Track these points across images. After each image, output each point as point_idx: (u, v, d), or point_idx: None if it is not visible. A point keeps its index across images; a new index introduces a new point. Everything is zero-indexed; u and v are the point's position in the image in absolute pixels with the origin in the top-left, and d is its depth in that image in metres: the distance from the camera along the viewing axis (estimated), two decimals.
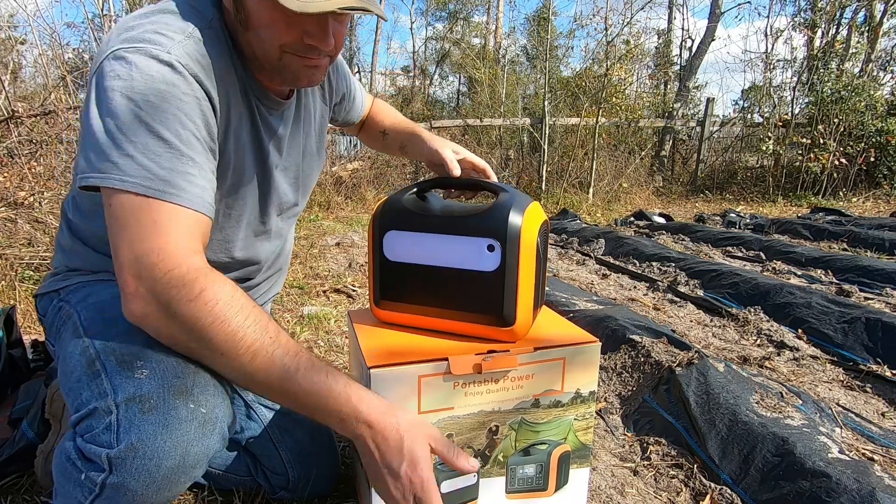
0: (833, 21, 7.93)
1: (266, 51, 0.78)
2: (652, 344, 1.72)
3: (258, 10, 0.74)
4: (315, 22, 0.75)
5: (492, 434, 0.90)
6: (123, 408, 0.65)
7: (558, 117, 7.66)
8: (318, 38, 0.76)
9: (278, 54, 0.77)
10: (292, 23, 0.74)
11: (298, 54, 0.78)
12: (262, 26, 0.75)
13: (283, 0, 0.68)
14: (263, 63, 0.80)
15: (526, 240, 0.86)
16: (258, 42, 0.77)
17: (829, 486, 1.03)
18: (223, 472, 1.08)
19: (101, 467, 0.64)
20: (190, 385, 0.67)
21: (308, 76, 0.81)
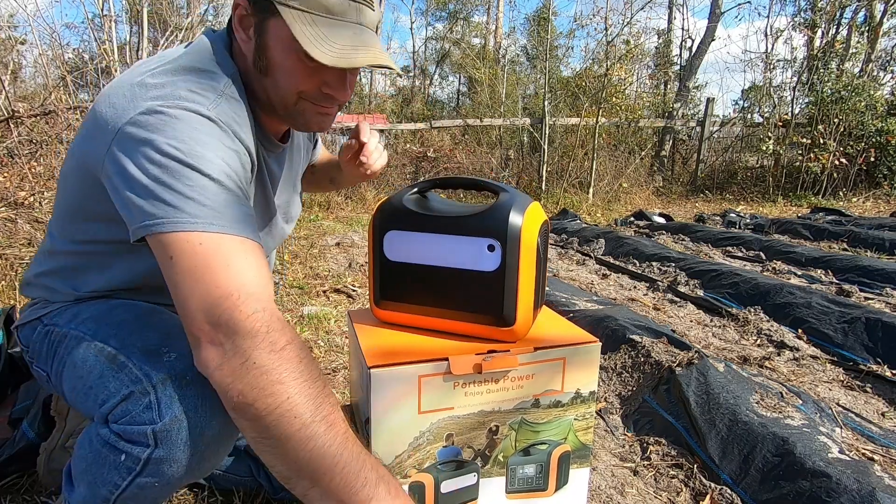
0: (833, 21, 7.93)
1: (283, 97, 0.80)
2: (652, 344, 1.72)
3: (282, 58, 0.76)
4: (336, 73, 0.78)
5: (492, 434, 0.90)
6: (161, 387, 0.67)
7: (558, 117, 7.66)
8: (336, 88, 0.80)
9: (295, 100, 0.80)
10: (314, 73, 0.77)
11: (314, 102, 0.81)
12: (283, 74, 0.77)
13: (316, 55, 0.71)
14: (277, 108, 0.82)
15: (526, 240, 0.86)
16: (275, 88, 0.79)
17: (829, 486, 1.03)
18: (224, 473, 1.08)
19: (146, 443, 0.66)
20: None
21: (319, 122, 0.84)
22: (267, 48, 0.77)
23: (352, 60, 0.73)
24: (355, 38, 0.75)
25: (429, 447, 0.87)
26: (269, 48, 0.77)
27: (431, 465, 0.87)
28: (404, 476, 0.87)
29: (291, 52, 0.75)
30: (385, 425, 0.84)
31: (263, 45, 0.77)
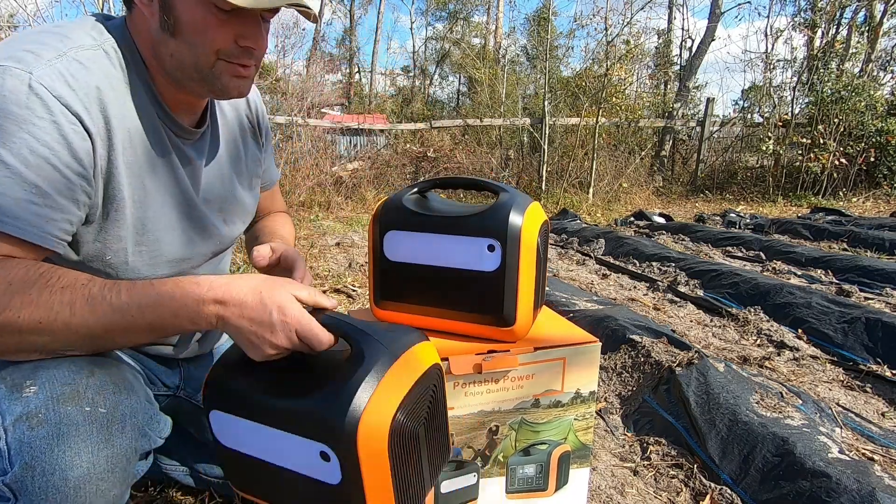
0: (833, 21, 7.93)
1: (198, 57, 0.74)
2: (652, 344, 1.72)
3: (191, 13, 0.70)
4: (251, 22, 0.74)
5: (492, 434, 0.90)
6: (11, 429, 0.59)
7: (558, 117, 7.66)
8: (253, 38, 0.75)
9: (213, 61, 0.74)
10: (227, 24, 0.72)
11: (232, 60, 0.75)
12: (194, 30, 0.71)
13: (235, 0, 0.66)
14: (192, 73, 0.75)
15: (526, 240, 0.86)
16: (188, 50, 0.73)
17: (829, 486, 1.03)
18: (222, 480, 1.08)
19: (6, 497, 0.59)
20: (82, 389, 0.62)
21: (238, 87, 0.78)
22: (173, 5, 0.70)
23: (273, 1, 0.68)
24: None
25: None
26: (175, 4, 0.70)
27: None
28: None
29: (203, 4, 0.69)
30: None
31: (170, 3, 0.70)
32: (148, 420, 0.69)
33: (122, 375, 0.68)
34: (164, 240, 0.82)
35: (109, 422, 0.62)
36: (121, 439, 0.63)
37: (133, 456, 0.65)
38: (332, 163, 6.77)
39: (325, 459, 0.63)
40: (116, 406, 0.64)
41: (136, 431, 0.66)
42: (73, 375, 0.63)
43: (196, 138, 0.86)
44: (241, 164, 0.96)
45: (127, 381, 0.68)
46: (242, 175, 0.97)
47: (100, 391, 0.63)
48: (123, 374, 0.68)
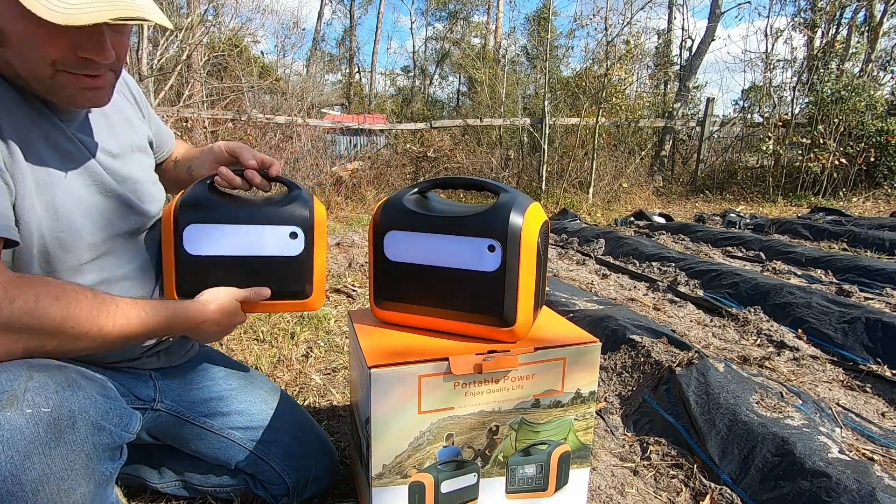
0: (833, 21, 7.93)
1: (34, 70, 0.67)
2: (652, 344, 1.72)
3: (14, 24, 0.63)
4: (87, 32, 0.65)
5: (492, 434, 0.90)
6: None
7: (558, 117, 7.66)
8: (93, 49, 0.67)
9: (50, 73, 0.67)
10: (59, 35, 0.64)
11: (73, 71, 0.68)
12: (22, 42, 0.64)
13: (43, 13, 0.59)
14: (33, 84, 0.69)
15: (526, 240, 0.86)
16: (22, 62, 0.66)
17: (829, 486, 1.03)
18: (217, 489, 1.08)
19: None
20: (21, 391, 0.60)
21: (90, 98, 0.72)
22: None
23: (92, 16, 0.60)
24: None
25: (429, 447, 0.87)
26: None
27: (431, 465, 0.87)
28: (404, 476, 0.87)
29: (22, 14, 0.61)
30: (385, 425, 0.84)
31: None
32: (103, 414, 0.66)
33: (66, 375, 0.66)
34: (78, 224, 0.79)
35: (56, 420, 0.60)
36: (72, 436, 0.61)
37: (93, 452, 0.63)
38: (332, 163, 6.77)
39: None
40: (61, 404, 0.61)
41: (90, 426, 0.63)
42: (10, 383, 0.61)
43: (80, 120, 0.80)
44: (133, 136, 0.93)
45: (71, 379, 0.65)
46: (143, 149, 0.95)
47: (39, 392, 0.61)
48: (67, 374, 0.66)
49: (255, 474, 1.04)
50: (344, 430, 1.38)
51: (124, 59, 0.74)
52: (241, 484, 1.07)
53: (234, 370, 1.10)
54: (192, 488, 1.09)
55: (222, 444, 1.02)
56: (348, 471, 1.17)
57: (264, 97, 6.93)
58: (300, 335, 2.03)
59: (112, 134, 0.87)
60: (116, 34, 0.70)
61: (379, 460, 0.85)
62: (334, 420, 1.45)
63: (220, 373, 1.07)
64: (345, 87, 16.10)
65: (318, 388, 1.64)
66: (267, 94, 6.85)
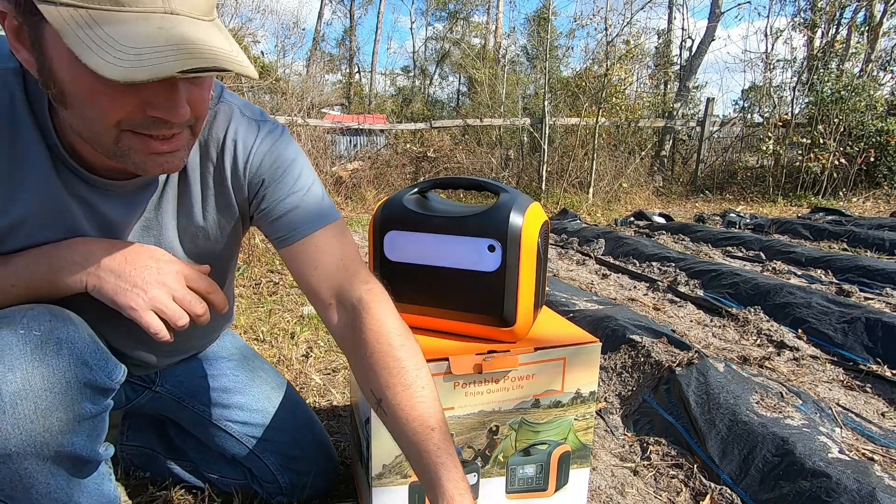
0: (833, 21, 7.93)
1: (97, 132, 0.58)
2: (652, 344, 1.72)
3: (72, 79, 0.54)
4: (157, 87, 0.56)
5: (492, 434, 0.90)
6: None
7: (558, 117, 7.67)
8: (164, 108, 0.57)
9: (115, 135, 0.58)
10: (124, 92, 0.55)
11: (142, 132, 0.58)
12: (83, 102, 0.56)
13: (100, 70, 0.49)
14: (96, 147, 0.61)
15: (526, 240, 0.86)
16: (84, 122, 0.58)
17: (829, 486, 1.03)
18: (221, 478, 1.08)
19: None
20: (18, 316, 0.63)
21: (159, 164, 0.62)
22: (52, 69, 0.55)
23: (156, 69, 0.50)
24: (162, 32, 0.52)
25: None
26: (54, 69, 0.55)
27: None
28: (404, 476, 0.87)
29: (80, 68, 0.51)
30: None
31: (47, 65, 0.55)
32: (90, 352, 0.67)
33: (63, 312, 0.67)
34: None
35: (44, 343, 0.62)
36: (56, 360, 0.63)
37: (74, 381, 0.64)
38: (332, 163, 6.78)
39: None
40: (51, 331, 0.64)
41: (75, 358, 0.64)
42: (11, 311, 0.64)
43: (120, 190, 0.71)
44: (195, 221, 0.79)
45: (66, 315, 0.67)
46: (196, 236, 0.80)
47: (35, 318, 0.64)
48: (65, 312, 0.67)
49: (251, 469, 1.05)
50: (344, 430, 1.38)
51: (204, 114, 0.64)
52: (241, 477, 1.07)
53: (243, 362, 1.08)
54: (197, 472, 1.09)
55: (219, 434, 1.03)
56: (348, 471, 1.17)
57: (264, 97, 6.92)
58: (300, 335, 2.03)
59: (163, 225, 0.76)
60: (194, 87, 0.59)
61: (379, 460, 0.85)
62: (334, 420, 1.45)
63: (228, 364, 1.06)
64: (345, 87, 16.11)
65: (318, 388, 1.64)
66: (267, 93, 6.85)
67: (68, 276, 0.67)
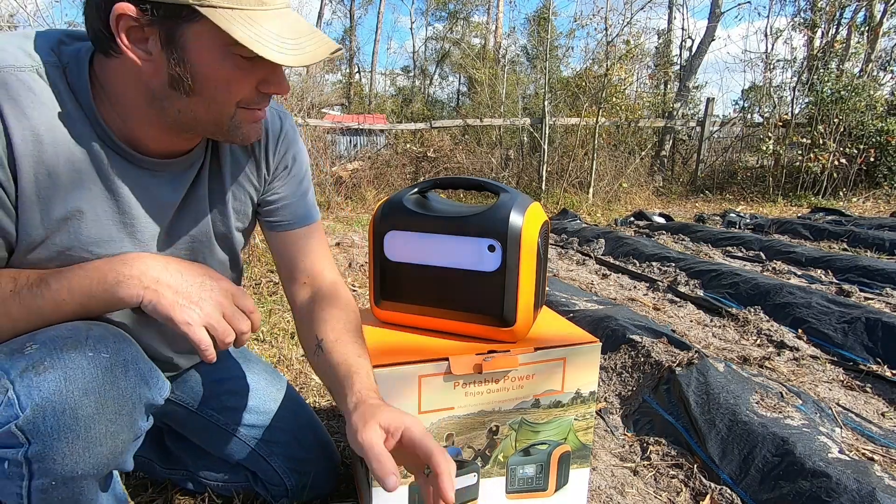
0: (833, 21, 7.93)
1: (219, 112, 0.69)
2: (652, 344, 1.72)
3: (216, 69, 0.64)
4: (273, 68, 0.68)
5: (492, 434, 0.90)
6: (19, 380, 0.60)
7: (558, 117, 7.66)
8: (277, 83, 0.70)
9: (232, 112, 0.69)
10: (250, 73, 0.67)
11: (251, 107, 0.71)
12: (218, 86, 0.66)
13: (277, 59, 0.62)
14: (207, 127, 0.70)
15: (526, 240, 0.86)
16: (206, 106, 0.67)
17: (829, 486, 1.03)
18: (224, 483, 1.08)
19: (19, 442, 0.60)
20: (83, 338, 0.64)
21: (256, 131, 0.74)
22: (191, 63, 0.63)
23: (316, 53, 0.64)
24: (294, 25, 0.65)
25: None
26: (195, 62, 0.63)
27: None
28: (404, 476, 0.87)
29: (228, 57, 0.64)
30: None
31: (185, 60, 0.63)
32: (149, 370, 0.69)
33: (119, 331, 0.70)
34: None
35: (113, 365, 0.64)
36: (125, 382, 0.65)
37: (138, 402, 0.66)
38: (332, 163, 6.78)
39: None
40: (118, 352, 0.65)
41: (139, 377, 0.67)
42: (72, 331, 0.65)
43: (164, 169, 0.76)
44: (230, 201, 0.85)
45: (125, 335, 0.69)
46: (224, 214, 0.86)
47: (100, 340, 0.65)
48: (119, 331, 0.70)
49: (257, 472, 1.05)
50: (344, 430, 1.38)
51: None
52: (243, 480, 1.07)
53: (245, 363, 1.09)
54: (196, 480, 1.09)
55: (227, 438, 1.03)
56: (348, 471, 1.17)
57: None
58: None
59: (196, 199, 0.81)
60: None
61: None
62: (334, 420, 1.45)
63: (234, 367, 1.07)
64: (345, 87, 16.11)
65: (318, 387, 1.64)
66: None
67: (124, 291, 0.66)
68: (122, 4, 0.59)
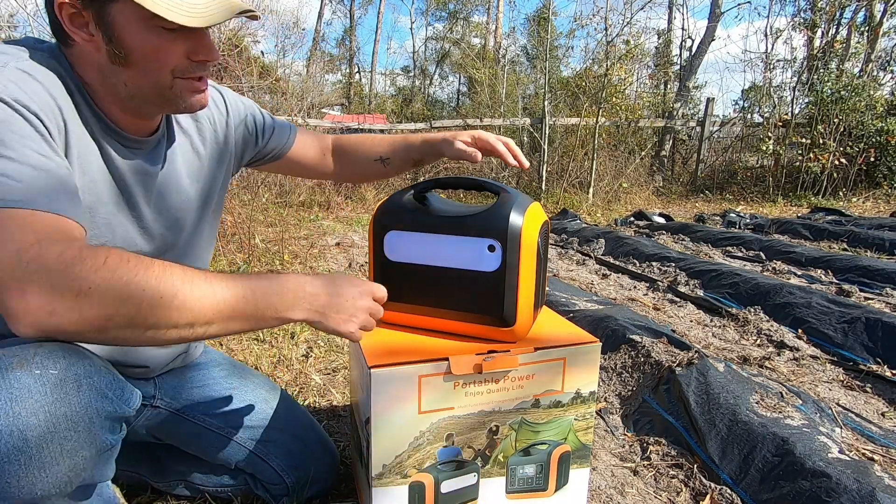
0: (833, 21, 7.93)
1: (156, 82, 0.74)
2: (652, 344, 1.72)
3: (141, 40, 0.71)
4: (198, 36, 0.74)
5: (492, 434, 0.90)
6: None
7: (558, 117, 7.66)
8: (206, 51, 0.75)
9: (170, 81, 0.75)
10: (177, 43, 0.72)
11: (187, 76, 0.76)
12: (148, 57, 0.72)
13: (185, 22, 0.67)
14: (151, 98, 0.77)
15: (526, 240, 0.86)
16: (144, 77, 0.74)
17: (829, 486, 1.03)
18: (220, 489, 1.08)
19: None
20: (31, 355, 0.62)
21: (199, 101, 0.80)
22: (121, 37, 0.70)
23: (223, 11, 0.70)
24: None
25: (429, 447, 0.87)
26: (123, 36, 0.70)
27: (431, 465, 0.87)
28: (404, 476, 0.87)
29: (150, 29, 0.70)
30: (385, 425, 0.84)
31: (115, 35, 0.70)
32: (107, 383, 0.67)
33: (73, 347, 0.67)
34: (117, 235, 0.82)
35: (63, 381, 0.62)
36: (77, 398, 0.63)
37: (96, 417, 0.64)
38: None
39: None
40: (68, 368, 0.63)
41: (95, 392, 0.65)
42: (20, 350, 0.63)
43: (149, 147, 0.84)
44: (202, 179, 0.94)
45: (78, 350, 0.67)
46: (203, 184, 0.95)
47: (48, 356, 0.63)
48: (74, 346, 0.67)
49: (255, 474, 1.05)
50: (344, 430, 1.38)
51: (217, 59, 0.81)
52: (242, 484, 1.07)
53: (233, 370, 1.10)
54: (192, 487, 1.08)
55: (222, 442, 1.02)
56: (348, 471, 1.17)
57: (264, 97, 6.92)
58: (300, 335, 2.03)
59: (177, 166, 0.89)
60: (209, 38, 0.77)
61: (379, 460, 0.85)
62: (334, 420, 1.45)
63: (220, 372, 1.07)
64: (345, 87, 16.11)
65: (318, 388, 1.64)
66: (267, 93, 6.84)
67: (296, 314, 0.73)
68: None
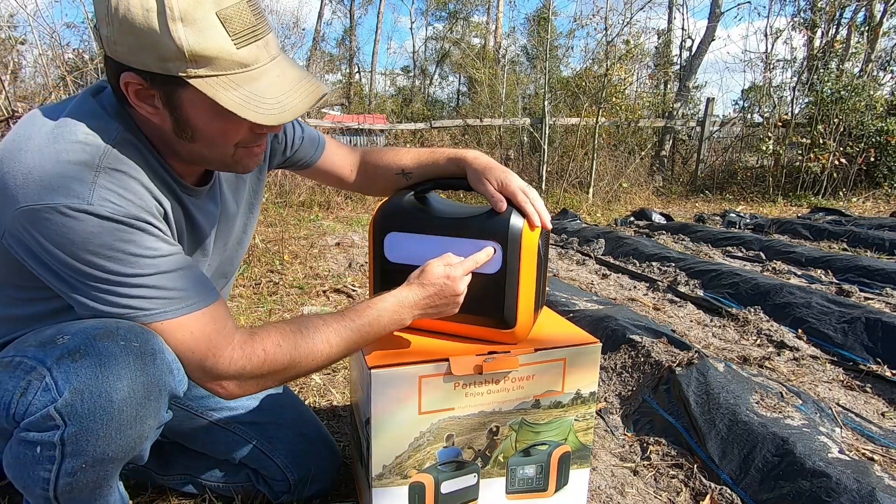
0: (833, 21, 7.93)
1: (220, 155, 0.78)
2: (652, 344, 1.72)
3: (209, 125, 0.72)
4: None
5: (492, 435, 0.90)
6: (55, 367, 0.66)
7: (558, 117, 7.66)
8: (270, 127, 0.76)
9: (233, 152, 0.77)
10: (243, 124, 0.73)
11: (249, 146, 0.78)
12: (214, 136, 0.74)
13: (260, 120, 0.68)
14: (213, 165, 0.82)
15: (527, 242, 0.86)
16: (210, 149, 0.76)
17: (829, 486, 1.03)
18: (224, 484, 1.08)
19: (55, 425, 0.64)
20: (114, 329, 0.68)
21: (256, 163, 0.83)
22: (188, 119, 0.72)
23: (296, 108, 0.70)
24: (281, 78, 0.71)
25: (429, 448, 0.87)
26: (190, 118, 0.72)
27: (432, 466, 0.88)
28: (404, 476, 0.87)
29: (219, 115, 0.70)
30: (385, 425, 0.84)
31: (183, 116, 0.71)
32: (173, 360, 0.73)
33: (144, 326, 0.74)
34: None
35: (143, 353, 0.68)
36: (153, 369, 0.69)
37: (164, 389, 0.71)
38: None
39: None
40: (146, 342, 0.69)
41: (165, 367, 0.71)
42: (102, 323, 0.70)
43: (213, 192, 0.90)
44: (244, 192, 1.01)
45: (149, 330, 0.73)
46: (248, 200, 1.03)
47: (130, 330, 0.69)
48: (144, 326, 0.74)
49: (259, 469, 1.05)
50: (344, 430, 1.38)
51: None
52: (244, 480, 1.07)
53: None
54: (196, 483, 1.09)
55: (228, 437, 1.03)
56: (348, 471, 1.17)
57: None
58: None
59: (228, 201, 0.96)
60: None
61: (379, 461, 0.85)
62: (334, 420, 1.45)
63: None
64: (345, 87, 16.10)
65: (318, 388, 1.64)
66: None
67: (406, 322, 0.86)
68: (127, 74, 0.68)
